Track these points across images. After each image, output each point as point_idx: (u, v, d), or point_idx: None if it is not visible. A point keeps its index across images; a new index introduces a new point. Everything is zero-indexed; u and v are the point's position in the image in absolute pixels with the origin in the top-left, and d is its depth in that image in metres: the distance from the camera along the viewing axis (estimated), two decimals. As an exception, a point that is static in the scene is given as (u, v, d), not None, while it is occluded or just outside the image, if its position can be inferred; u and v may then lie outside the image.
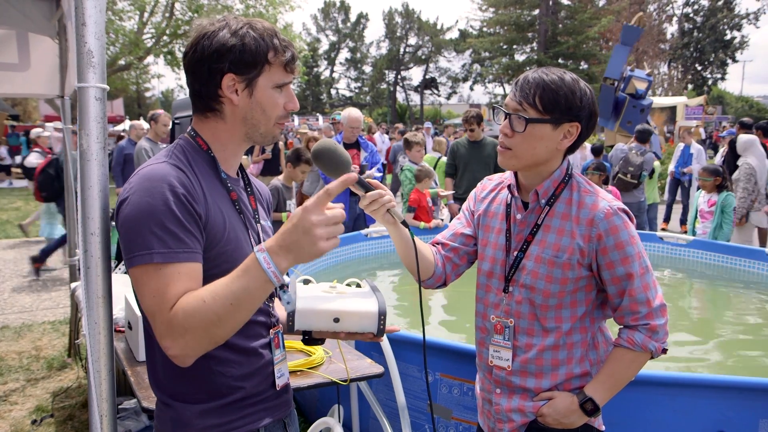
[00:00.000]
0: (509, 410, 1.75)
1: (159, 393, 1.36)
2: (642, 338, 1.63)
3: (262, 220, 1.47)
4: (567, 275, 1.65)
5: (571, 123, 1.63)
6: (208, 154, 1.35)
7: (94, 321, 1.34)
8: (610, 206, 1.63)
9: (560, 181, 1.70)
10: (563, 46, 35.62)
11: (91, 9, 1.30)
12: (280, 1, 18.83)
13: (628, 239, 1.61)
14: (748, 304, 5.05)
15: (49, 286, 6.90)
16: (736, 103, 44.19)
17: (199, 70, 1.30)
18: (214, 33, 1.28)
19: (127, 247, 1.20)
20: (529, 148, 1.64)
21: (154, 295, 1.17)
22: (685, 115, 21.56)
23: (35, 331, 5.31)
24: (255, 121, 1.34)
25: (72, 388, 4.08)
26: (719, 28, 43.89)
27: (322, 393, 3.30)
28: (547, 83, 1.60)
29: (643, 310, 1.63)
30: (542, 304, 1.68)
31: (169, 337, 1.16)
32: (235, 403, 1.35)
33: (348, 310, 1.38)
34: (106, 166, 1.35)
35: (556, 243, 1.66)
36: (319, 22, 58.47)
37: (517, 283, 1.72)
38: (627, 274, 1.61)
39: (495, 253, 1.78)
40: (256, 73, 1.30)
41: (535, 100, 1.60)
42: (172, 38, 18.65)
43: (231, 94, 1.30)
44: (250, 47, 1.28)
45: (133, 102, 40.63)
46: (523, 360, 1.72)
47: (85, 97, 1.32)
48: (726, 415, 2.43)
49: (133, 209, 1.19)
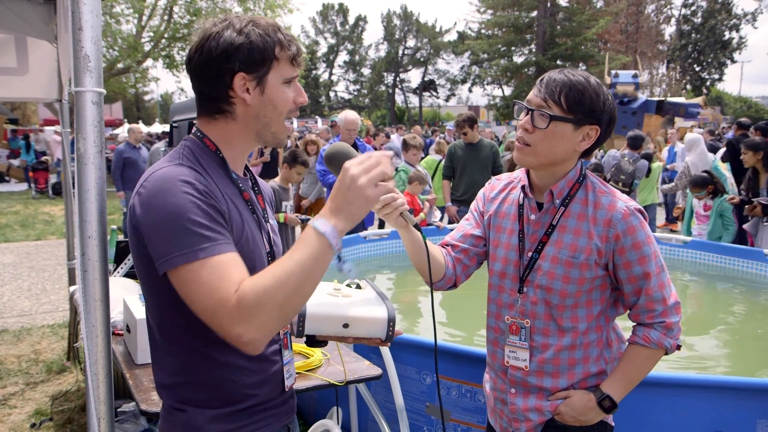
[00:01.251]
0: (526, 410, 1.75)
1: (170, 398, 1.34)
2: (657, 335, 1.65)
3: (270, 219, 1.47)
4: (584, 275, 1.66)
5: (592, 126, 1.63)
6: (217, 155, 1.33)
7: (92, 324, 1.34)
8: (627, 207, 1.64)
9: (575, 181, 1.70)
10: (561, 47, 35.68)
11: (87, 14, 1.30)
12: (279, 4, 18.87)
13: (644, 239, 1.63)
14: (746, 305, 5.06)
15: (48, 290, 6.91)
16: (734, 104, 44.25)
17: (206, 72, 1.27)
18: (219, 33, 1.26)
19: (162, 250, 1.15)
20: (549, 146, 1.63)
21: (210, 290, 1.11)
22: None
23: (34, 335, 5.31)
24: (267, 119, 1.32)
25: (71, 391, 4.08)
26: (717, 29, 43.99)
27: (321, 395, 3.30)
28: (573, 83, 1.60)
29: (659, 308, 1.65)
30: (559, 305, 1.69)
31: (243, 323, 1.09)
32: (246, 410, 1.34)
33: (358, 316, 1.39)
34: (103, 170, 1.35)
35: (573, 243, 1.66)
36: (318, 25, 58.57)
37: (532, 283, 1.72)
38: (644, 273, 1.63)
39: (507, 253, 1.78)
40: (266, 70, 1.28)
41: (561, 98, 1.60)
42: (170, 41, 18.68)
43: (243, 94, 1.28)
44: (257, 44, 1.26)
45: (131, 105, 40.66)
46: (540, 360, 1.72)
47: (82, 101, 1.32)
48: (723, 415, 2.44)
49: (160, 212, 1.16)
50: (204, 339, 1.26)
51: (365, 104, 56.95)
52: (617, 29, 39.13)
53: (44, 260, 8.48)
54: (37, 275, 7.60)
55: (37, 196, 15.93)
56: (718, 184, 5.95)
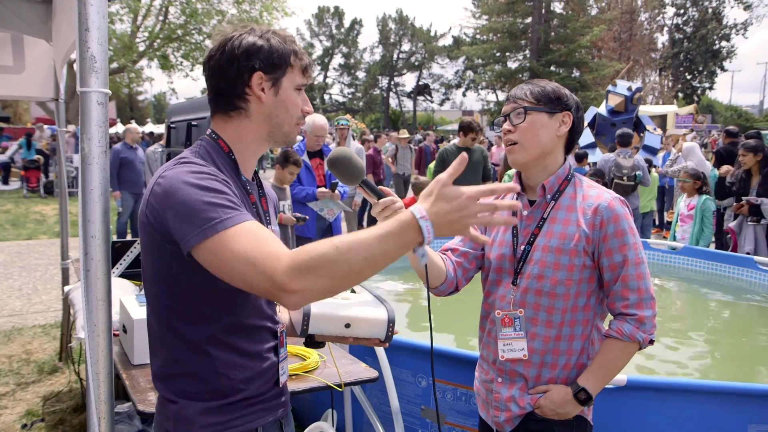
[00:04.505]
0: (508, 400, 1.82)
1: (164, 390, 1.38)
2: (630, 329, 1.71)
3: (273, 224, 1.51)
4: (574, 262, 1.74)
5: (563, 111, 1.79)
6: (230, 157, 1.38)
7: (94, 323, 1.35)
8: (613, 197, 1.76)
9: (564, 178, 1.82)
10: (555, 54, 35.89)
11: (94, 15, 1.31)
12: (275, 7, 18.89)
13: (627, 228, 1.73)
14: (737, 311, 5.11)
15: (40, 290, 6.86)
16: (725, 112, 44.69)
17: (227, 69, 1.34)
18: (242, 36, 1.35)
19: (187, 229, 1.17)
20: (533, 136, 1.77)
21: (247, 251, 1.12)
22: (676, 124, 21.77)
23: (26, 335, 5.28)
24: (279, 119, 1.39)
25: (63, 392, 4.06)
26: (708, 38, 44.40)
27: (315, 397, 3.30)
28: (534, 84, 1.81)
29: (633, 298, 1.72)
30: (550, 292, 1.76)
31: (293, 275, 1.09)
32: (236, 403, 1.37)
33: (360, 316, 1.45)
34: (107, 170, 1.36)
35: (563, 232, 1.76)
36: (313, 28, 58.64)
37: (524, 274, 1.80)
38: (623, 260, 1.71)
39: (502, 249, 1.87)
40: (281, 73, 1.37)
41: (528, 95, 1.79)
42: (165, 41, 18.64)
43: (259, 92, 1.35)
44: (277, 48, 1.35)
45: (125, 105, 40.52)
46: (530, 349, 1.79)
47: (88, 101, 1.33)
48: (715, 420, 2.47)
49: (183, 193, 1.19)
50: (203, 335, 1.32)
51: (360, 107, 56.99)
52: (611, 37, 39.38)
53: (36, 260, 8.42)
54: (28, 275, 7.56)
55: (28, 195, 15.82)
56: (705, 184, 6.04)
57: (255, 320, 1.39)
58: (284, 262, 1.11)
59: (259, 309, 1.41)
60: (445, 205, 1.15)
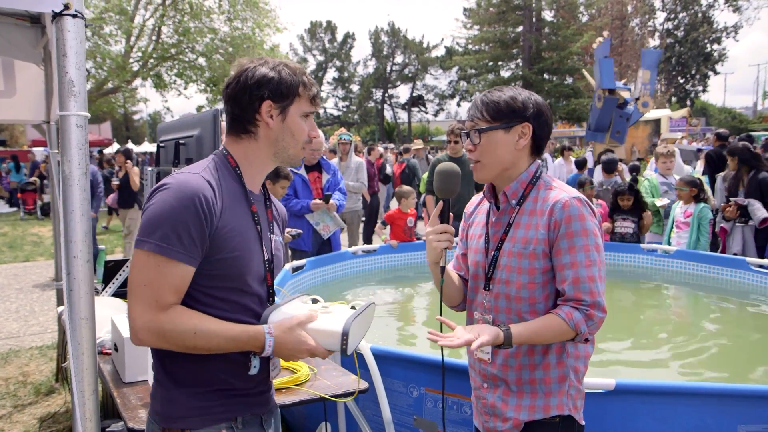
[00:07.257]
0: (493, 405, 1.86)
1: (158, 371, 1.52)
2: (579, 317, 1.69)
3: (275, 234, 1.65)
4: (534, 265, 1.76)
5: (521, 124, 1.80)
6: (236, 171, 1.55)
7: (77, 341, 1.38)
8: (568, 197, 1.74)
9: (528, 182, 1.85)
10: (547, 61, 36.06)
11: (71, 41, 1.35)
12: (266, 24, 19.01)
13: (579, 230, 1.71)
14: (729, 313, 5.13)
15: (37, 312, 6.86)
16: (719, 115, 44.86)
17: (241, 97, 1.52)
18: (255, 68, 1.52)
19: (142, 231, 1.38)
20: (491, 154, 1.82)
21: (147, 284, 1.36)
22: (670, 128, 21.88)
23: (22, 357, 5.28)
24: (285, 143, 1.56)
25: (59, 413, 4.05)
26: (700, 41, 44.69)
27: (309, 411, 3.31)
28: (489, 98, 1.82)
29: (587, 299, 1.69)
30: (516, 296, 1.79)
31: (149, 332, 1.36)
32: (220, 392, 1.52)
33: (316, 328, 1.51)
34: (88, 191, 1.39)
35: (524, 236, 1.79)
36: (306, 43, 58.89)
37: (495, 280, 1.85)
38: (571, 263, 1.71)
39: (476, 256, 1.93)
40: (289, 102, 1.54)
41: (484, 113, 1.82)
42: (158, 61, 18.73)
43: (267, 118, 1.53)
44: (286, 80, 1.52)
45: (120, 125, 40.63)
46: (505, 354, 1.82)
47: (67, 124, 1.37)
48: (705, 421, 2.48)
49: (159, 206, 1.38)
50: None
51: (354, 120, 57.16)
52: (602, 43, 39.55)
53: (32, 282, 8.43)
54: (25, 297, 7.56)
55: (25, 218, 15.83)
56: (703, 192, 6.05)
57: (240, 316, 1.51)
58: (152, 317, 1.36)
59: (245, 306, 1.53)
60: (291, 340, 1.47)
